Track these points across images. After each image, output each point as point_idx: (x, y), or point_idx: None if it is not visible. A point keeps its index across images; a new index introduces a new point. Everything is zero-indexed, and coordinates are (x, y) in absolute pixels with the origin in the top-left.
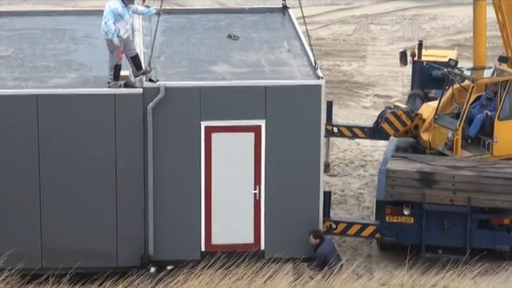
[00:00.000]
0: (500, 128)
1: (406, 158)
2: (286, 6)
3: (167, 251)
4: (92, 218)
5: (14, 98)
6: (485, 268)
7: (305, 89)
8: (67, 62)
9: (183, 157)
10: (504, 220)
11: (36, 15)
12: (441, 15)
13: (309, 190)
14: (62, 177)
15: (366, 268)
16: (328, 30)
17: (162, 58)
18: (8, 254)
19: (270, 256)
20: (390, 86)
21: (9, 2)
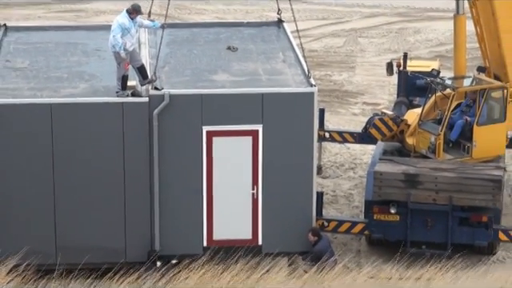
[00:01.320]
0: (478, 133)
1: (392, 160)
2: (281, 20)
3: (172, 247)
4: (102, 217)
5: (30, 107)
6: (465, 262)
7: (299, 96)
8: (79, 74)
9: (186, 159)
10: (482, 217)
11: (50, 30)
12: (424, 29)
13: (303, 191)
14: (75, 179)
15: (356, 262)
16: (320, 42)
17: (166, 68)
18: (24, 251)
19: (266, 251)
20: (377, 95)
21: (25, 18)
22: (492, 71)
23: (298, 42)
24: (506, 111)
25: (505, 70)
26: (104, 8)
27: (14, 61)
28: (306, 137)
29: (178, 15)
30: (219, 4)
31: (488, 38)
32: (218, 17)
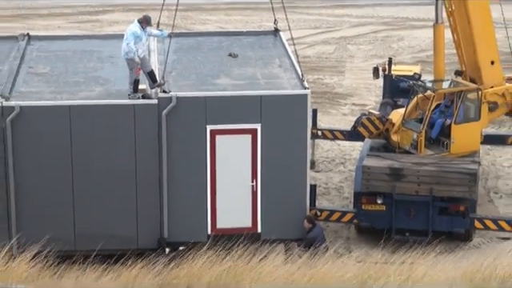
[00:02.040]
0: (456, 131)
1: (378, 156)
2: (277, 29)
3: (179, 234)
4: (116, 208)
5: (50, 108)
6: (444, 248)
7: (293, 98)
8: (94, 78)
9: (192, 155)
10: (460, 207)
11: (68, 39)
12: (407, 36)
13: (297, 183)
14: (91, 173)
15: (346, 248)
16: (313, 49)
17: (173, 73)
18: (46, 239)
19: (265, 238)
20: (364, 96)
21: (46, 28)
22: (468, 75)
23: (292, 49)
24: (480, 111)
25: (479, 73)
26: (117, 19)
27: (37, 67)
28: (301, 134)
29: (183, 25)
30: (221, 14)
31: (464, 45)
32: (220, 26)
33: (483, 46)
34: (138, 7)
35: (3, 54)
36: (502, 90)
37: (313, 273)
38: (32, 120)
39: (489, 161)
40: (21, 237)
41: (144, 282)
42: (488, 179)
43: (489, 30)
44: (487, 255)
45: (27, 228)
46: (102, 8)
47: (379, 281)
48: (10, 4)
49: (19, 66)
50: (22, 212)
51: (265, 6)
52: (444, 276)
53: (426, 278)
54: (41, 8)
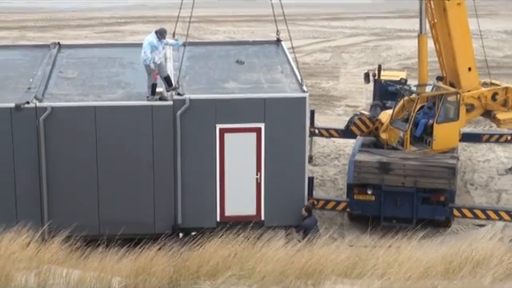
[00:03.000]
0: (438, 129)
1: (369, 151)
2: (279, 39)
3: (191, 221)
4: (136, 197)
5: (78, 109)
6: (426, 233)
7: (293, 100)
8: (117, 82)
9: (203, 150)
10: (440, 197)
11: (94, 47)
12: (395, 46)
13: (297, 176)
14: (114, 167)
15: (339, 233)
16: (311, 57)
17: (187, 78)
18: (74, 225)
19: (268, 224)
20: (357, 99)
21: (74, 37)
22: (448, 80)
23: (293, 57)
24: (459, 112)
25: (458, 78)
26: (137, 29)
27: (66, 72)
28: (300, 133)
29: (196, 35)
30: (229, 26)
31: (445, 53)
32: (229, 36)
33: (461, 54)
34: (156, 19)
35: (37, 61)
36: (477, 94)
37: (310, 255)
38: (62, 119)
39: (466, 156)
40: (52, 223)
41: (160, 264)
42: (465, 173)
43: (466, 40)
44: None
45: (57, 215)
46: (123, 20)
47: (369, 262)
48: (43, 16)
49: (51, 71)
50: (52, 201)
51: (268, 18)
52: (426, 258)
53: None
54: (70, 20)
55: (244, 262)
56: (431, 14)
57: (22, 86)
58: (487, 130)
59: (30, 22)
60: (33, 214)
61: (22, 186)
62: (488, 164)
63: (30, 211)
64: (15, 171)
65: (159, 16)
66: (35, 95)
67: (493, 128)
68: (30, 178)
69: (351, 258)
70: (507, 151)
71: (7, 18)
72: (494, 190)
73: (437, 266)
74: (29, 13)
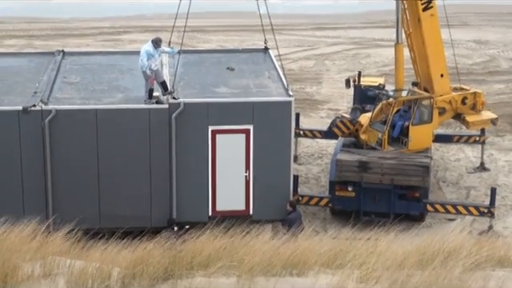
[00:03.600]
0: (413, 131)
1: (349, 151)
2: (266, 47)
3: (185, 215)
4: (134, 193)
5: (80, 111)
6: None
7: (280, 104)
8: (116, 87)
9: (196, 150)
10: (415, 194)
11: (95, 55)
12: (373, 54)
13: (283, 174)
14: (114, 165)
15: (322, 227)
16: (296, 63)
17: (181, 83)
18: (77, 219)
19: (255, 219)
20: (338, 103)
21: (77, 45)
22: (422, 85)
23: (279, 64)
24: (432, 115)
25: (431, 84)
26: (135, 38)
27: (69, 77)
28: (286, 134)
29: (190, 43)
30: (221, 35)
31: (419, 61)
32: (220, 45)
33: (434, 61)
34: (153, 29)
35: (43, 67)
36: (449, 98)
37: (295, 247)
38: (66, 121)
39: (438, 156)
40: (56, 217)
41: (156, 255)
42: (438, 171)
43: (439, 48)
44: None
45: (61, 210)
46: (123, 29)
47: (349, 254)
48: (48, 26)
49: (55, 76)
50: (57, 196)
51: (257, 28)
52: (402, 250)
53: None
54: (73, 29)
55: (234, 254)
56: (407, 24)
57: (29, 90)
58: (457, 131)
59: (36, 32)
60: (39, 209)
61: (29, 183)
62: (458, 163)
63: (36, 206)
64: (22, 169)
65: (156, 26)
66: (41, 99)
67: (463, 130)
68: (36, 176)
69: (333, 249)
70: (475, 151)
71: (15, 28)
72: (464, 187)
73: (412, 257)
74: (35, 22)
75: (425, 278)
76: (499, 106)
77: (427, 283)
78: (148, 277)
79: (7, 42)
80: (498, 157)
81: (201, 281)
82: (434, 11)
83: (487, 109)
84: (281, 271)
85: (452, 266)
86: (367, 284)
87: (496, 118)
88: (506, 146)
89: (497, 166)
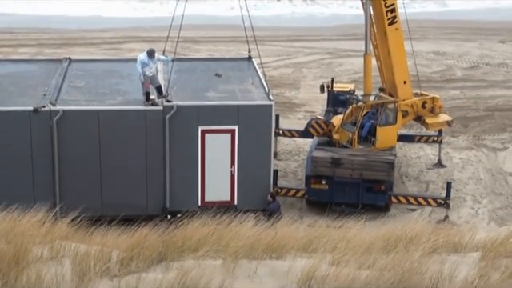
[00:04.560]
0: (380, 131)
1: (323, 149)
2: (250, 56)
3: (177, 205)
4: (132, 185)
5: (85, 112)
6: (370, 216)
7: (262, 107)
8: (117, 90)
9: (187, 147)
10: (381, 187)
11: (98, 62)
12: (345, 63)
13: (264, 169)
14: (114, 159)
15: (299, 216)
16: (276, 71)
17: (175, 88)
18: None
19: (240, 209)
20: (314, 106)
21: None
22: (388, 91)
23: (261, 71)
24: (396, 117)
25: (396, 90)
26: (134, 47)
27: (75, 82)
28: (267, 133)
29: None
30: (210, 45)
31: (385, 69)
32: (209, 54)
33: (398, 70)
34: (150, 39)
35: (51, 72)
36: (411, 102)
37: (274, 234)
38: (72, 120)
39: (402, 154)
40: (62, 205)
41: (151, 240)
42: (401, 167)
43: (402, 58)
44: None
45: (67, 199)
46: (123, 39)
47: (322, 239)
48: (56, 36)
49: (63, 81)
50: (63, 187)
51: (242, 39)
52: (369, 236)
53: (357, 238)
54: (79, 39)
55: (220, 239)
56: (374, 37)
57: (39, 93)
58: (418, 132)
59: (45, 41)
60: (47, 198)
61: (39, 175)
62: (419, 160)
63: (45, 195)
64: (33, 163)
65: (152, 36)
66: (50, 100)
67: (423, 130)
68: (45, 169)
69: (308, 236)
70: (434, 149)
71: (27, 37)
72: (424, 181)
73: (378, 243)
74: (45, 33)
75: (389, 261)
76: (454, 110)
77: (391, 266)
78: (144, 259)
79: (20, 50)
80: (453, 155)
81: (191, 263)
82: (398, 26)
83: (444, 112)
84: (262, 255)
85: (413, 251)
86: (338, 266)
87: (452, 120)
88: (460, 145)
89: (452, 163)
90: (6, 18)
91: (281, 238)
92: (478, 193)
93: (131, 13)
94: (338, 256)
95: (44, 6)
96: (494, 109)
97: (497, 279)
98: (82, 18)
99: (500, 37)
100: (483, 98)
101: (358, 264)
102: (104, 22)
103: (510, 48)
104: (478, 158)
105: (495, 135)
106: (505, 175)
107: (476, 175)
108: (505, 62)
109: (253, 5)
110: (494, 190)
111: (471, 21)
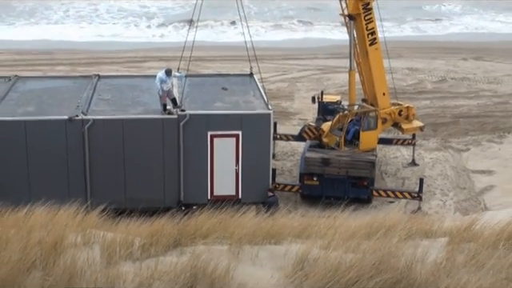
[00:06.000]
0: (363, 136)
1: (315, 150)
2: (252, 73)
3: (190, 198)
4: (152, 181)
5: (112, 120)
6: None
7: (262, 115)
8: (138, 102)
9: (199, 150)
10: (364, 182)
11: (122, 78)
12: (333, 77)
13: (264, 167)
14: (136, 160)
15: (294, 207)
16: (274, 85)
17: (187, 99)
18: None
19: (244, 202)
20: (306, 114)
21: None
22: (369, 101)
23: (261, 85)
24: (377, 123)
25: (376, 100)
26: (153, 65)
27: (103, 95)
28: (266, 137)
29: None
30: (217, 63)
31: (367, 82)
32: (217, 70)
33: (378, 83)
34: (167, 58)
35: (83, 87)
36: (389, 111)
37: (273, 222)
38: (100, 127)
39: (381, 154)
40: (93, 200)
41: (168, 228)
42: (381, 165)
43: (382, 74)
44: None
45: (97, 194)
46: (143, 58)
47: (314, 227)
48: (87, 55)
49: (92, 94)
50: (93, 184)
51: (244, 58)
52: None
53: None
54: (106, 58)
55: (226, 228)
56: (357, 55)
57: (73, 104)
58: (395, 136)
59: (78, 60)
60: (80, 193)
61: (72, 174)
62: (396, 160)
63: (78, 192)
64: (68, 164)
65: (168, 56)
66: (82, 111)
67: (399, 135)
68: (78, 168)
69: (302, 224)
70: (409, 151)
71: (63, 57)
72: (400, 177)
73: (361, 230)
74: (78, 54)
75: (370, 246)
76: (425, 117)
77: (372, 249)
78: (161, 245)
79: (57, 68)
80: (424, 155)
81: (201, 248)
82: (378, 46)
83: (417, 119)
84: (262, 241)
85: (391, 237)
86: (327, 250)
87: (423, 125)
88: (431, 146)
89: (424, 162)
90: (46, 42)
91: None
92: (445, 187)
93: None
94: (327, 241)
95: (77, 32)
96: (458, 116)
97: (461, 260)
98: (109, 41)
99: (463, 55)
100: (449, 107)
101: (344, 248)
102: (127, 45)
103: (471, 65)
104: (446, 157)
105: (459, 138)
106: (467, 172)
107: (444, 172)
108: (467, 77)
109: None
110: (458, 185)
111: (439, 42)
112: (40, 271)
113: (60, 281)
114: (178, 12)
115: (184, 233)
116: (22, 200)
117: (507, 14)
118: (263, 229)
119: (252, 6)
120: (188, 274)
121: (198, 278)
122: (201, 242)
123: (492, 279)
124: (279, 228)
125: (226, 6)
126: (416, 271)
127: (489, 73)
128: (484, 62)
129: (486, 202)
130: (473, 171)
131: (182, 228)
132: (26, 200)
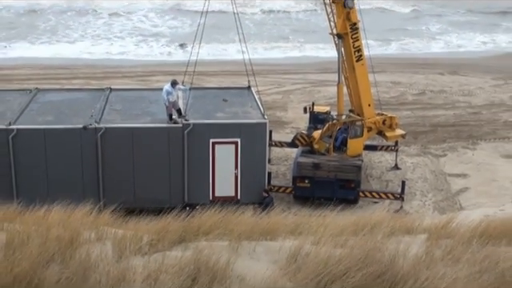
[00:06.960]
0: (350, 142)
1: (306, 156)
2: (249, 86)
3: (194, 198)
4: (158, 182)
5: (122, 128)
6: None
7: (258, 124)
8: (146, 112)
9: (201, 156)
10: (351, 184)
11: (132, 90)
12: (323, 90)
13: (260, 171)
14: (144, 164)
15: (288, 207)
16: (269, 97)
17: (191, 110)
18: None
19: (242, 202)
20: (299, 123)
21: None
22: (356, 111)
23: (258, 97)
24: (363, 131)
25: (362, 111)
26: (160, 79)
27: (114, 106)
28: (262, 144)
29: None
30: (219, 77)
31: (354, 94)
32: (218, 84)
33: (364, 95)
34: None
35: (96, 99)
36: (374, 120)
37: (269, 220)
38: (112, 134)
39: (367, 159)
40: (105, 200)
41: (173, 225)
42: (367, 169)
43: (367, 87)
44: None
45: (109, 195)
46: (151, 73)
47: (306, 225)
48: (100, 70)
49: (105, 105)
50: (106, 185)
51: (243, 73)
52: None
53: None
54: (117, 73)
55: (227, 225)
56: (345, 70)
57: (87, 114)
58: (380, 142)
59: (92, 74)
60: (93, 194)
61: (87, 177)
62: (380, 164)
63: (92, 192)
64: (83, 168)
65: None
66: (95, 120)
67: (383, 142)
68: (92, 172)
69: (295, 222)
70: (392, 156)
71: (78, 71)
72: (384, 180)
73: (349, 227)
74: (92, 68)
75: (357, 242)
76: (407, 126)
77: (359, 245)
78: (168, 240)
79: (73, 82)
80: (406, 160)
81: (204, 244)
82: (363, 62)
83: (399, 127)
84: (259, 237)
85: (376, 233)
86: (318, 246)
87: (405, 133)
88: (412, 152)
89: (405, 166)
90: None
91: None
92: (425, 189)
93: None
94: (317, 238)
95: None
96: (436, 125)
97: (439, 255)
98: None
99: (440, 70)
100: (428, 116)
101: (333, 244)
102: (137, 61)
103: (447, 78)
104: (425, 162)
105: (437, 145)
106: (445, 175)
107: (423, 175)
108: (444, 90)
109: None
110: (436, 187)
111: (419, 58)
112: (58, 264)
113: (76, 273)
114: (186, 31)
115: (188, 230)
116: (42, 200)
117: (486, 35)
118: (260, 226)
119: (252, 25)
120: (192, 266)
121: (200, 271)
122: (203, 238)
123: (467, 272)
124: (274, 225)
125: (227, 27)
126: (399, 264)
127: (463, 86)
128: (459, 77)
129: (462, 203)
130: (449, 174)
131: (187, 225)
132: (45, 200)
